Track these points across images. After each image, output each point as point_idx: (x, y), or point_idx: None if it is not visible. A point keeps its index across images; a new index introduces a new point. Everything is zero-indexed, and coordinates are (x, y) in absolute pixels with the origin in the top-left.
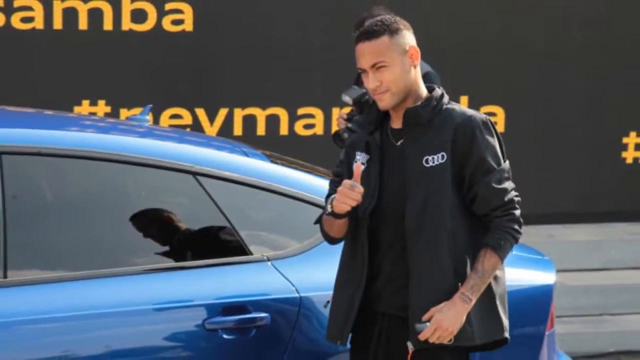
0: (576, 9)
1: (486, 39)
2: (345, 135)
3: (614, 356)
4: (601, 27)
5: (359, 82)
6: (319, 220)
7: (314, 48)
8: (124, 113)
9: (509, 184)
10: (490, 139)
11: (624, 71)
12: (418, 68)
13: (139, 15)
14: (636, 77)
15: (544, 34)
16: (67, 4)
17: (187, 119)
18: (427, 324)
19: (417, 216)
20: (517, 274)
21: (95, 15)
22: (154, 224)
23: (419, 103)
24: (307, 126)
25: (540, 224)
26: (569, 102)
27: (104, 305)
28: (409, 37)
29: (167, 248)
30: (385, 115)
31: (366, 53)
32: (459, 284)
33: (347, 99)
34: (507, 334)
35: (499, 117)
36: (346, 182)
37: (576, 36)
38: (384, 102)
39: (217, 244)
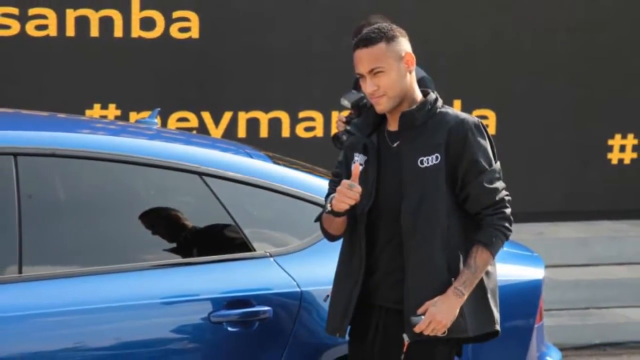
0: (562, 18)
1: (478, 47)
2: (344, 137)
3: (599, 348)
4: (586, 35)
5: (357, 87)
6: (319, 219)
7: (314, 55)
8: (133, 116)
9: (500, 184)
10: (482, 141)
11: (608, 76)
12: (413, 73)
13: (147, 23)
14: (620, 82)
15: (533, 41)
16: (79, 12)
17: (194, 121)
18: (422, 317)
19: (412, 214)
20: (508, 270)
21: (106, 23)
22: (161, 222)
23: (414, 107)
24: (308, 129)
25: (529, 222)
26: (557, 106)
27: (114, 300)
28: (404, 44)
29: (174, 245)
30: (382, 119)
31: (364, 59)
32: (453, 279)
33: (345, 102)
34: (498, 327)
35: (490, 120)
36: (345, 182)
37: (563, 44)
38: (381, 105)
39: (221, 241)
